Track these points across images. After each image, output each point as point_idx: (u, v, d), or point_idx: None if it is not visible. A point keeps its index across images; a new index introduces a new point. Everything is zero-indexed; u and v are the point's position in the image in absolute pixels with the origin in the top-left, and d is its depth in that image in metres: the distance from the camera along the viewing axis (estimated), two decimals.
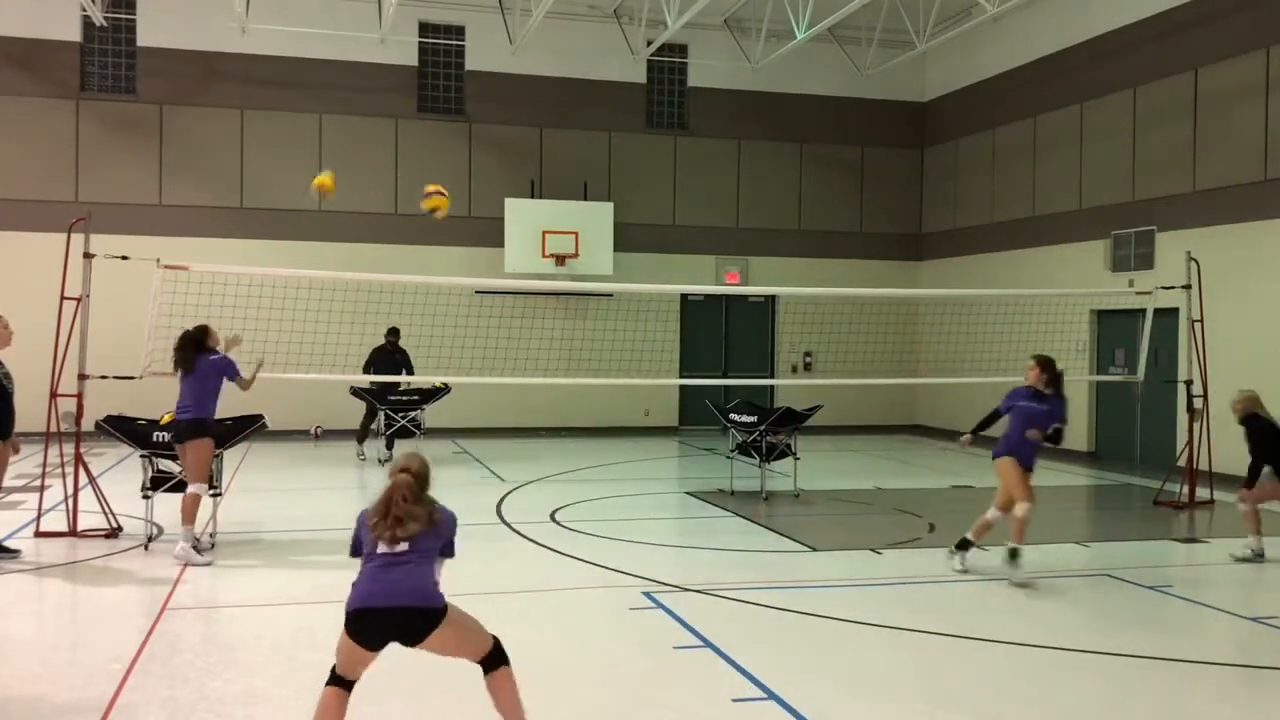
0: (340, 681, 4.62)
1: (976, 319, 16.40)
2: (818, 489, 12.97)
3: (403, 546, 4.54)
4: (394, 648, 4.63)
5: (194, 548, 8.79)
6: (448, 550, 4.80)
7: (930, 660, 6.54)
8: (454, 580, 8.43)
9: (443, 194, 10.99)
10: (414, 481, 4.68)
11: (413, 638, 4.57)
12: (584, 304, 19.39)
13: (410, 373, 15.18)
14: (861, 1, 15.84)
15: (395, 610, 4.50)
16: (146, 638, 6.65)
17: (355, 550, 4.74)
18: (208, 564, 8.70)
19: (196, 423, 8.94)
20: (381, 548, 4.56)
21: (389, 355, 15.34)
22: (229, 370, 9.19)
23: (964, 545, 8.90)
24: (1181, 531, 11.07)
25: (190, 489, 8.87)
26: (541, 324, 18.47)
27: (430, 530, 4.63)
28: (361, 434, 15.67)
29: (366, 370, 15.11)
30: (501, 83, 19.48)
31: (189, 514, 8.79)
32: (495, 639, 4.76)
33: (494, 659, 4.70)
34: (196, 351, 9.06)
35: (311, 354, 14.45)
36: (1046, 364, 8.94)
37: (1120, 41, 16.49)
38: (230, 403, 9.61)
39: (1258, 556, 9.39)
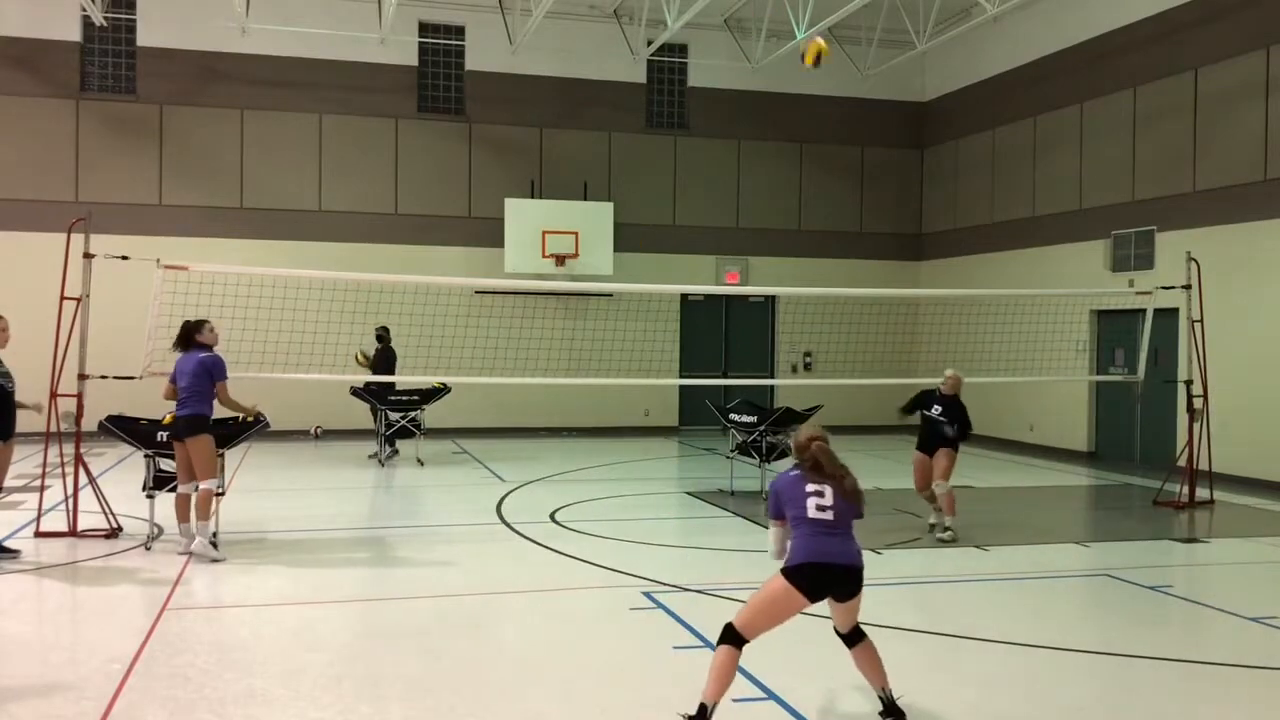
0: (737, 640, 5.13)
1: (976, 319, 16.40)
2: None
3: (829, 515, 5.16)
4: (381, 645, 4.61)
5: (211, 543, 8.86)
6: (859, 514, 5.38)
7: (930, 660, 6.54)
8: (456, 581, 8.47)
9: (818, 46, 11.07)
10: (829, 446, 5.29)
11: (848, 593, 5.21)
12: (584, 304, 19.39)
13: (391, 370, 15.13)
14: (861, 1, 15.84)
15: (845, 567, 5.17)
16: (146, 638, 6.65)
17: (777, 514, 5.36)
18: (222, 559, 8.75)
19: (195, 419, 8.89)
20: (812, 511, 5.16)
21: (383, 354, 15.36)
22: (216, 370, 8.97)
23: None
24: (1181, 531, 11.07)
25: (202, 486, 8.87)
26: (541, 324, 18.47)
27: (849, 500, 5.25)
28: (379, 435, 15.60)
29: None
30: (501, 83, 19.48)
31: (204, 510, 8.82)
32: None
33: (859, 632, 5.37)
34: (189, 341, 9.02)
35: (311, 354, 14.45)
36: None
37: (1120, 41, 16.49)
38: None
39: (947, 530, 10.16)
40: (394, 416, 15.06)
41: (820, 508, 5.18)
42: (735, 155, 20.72)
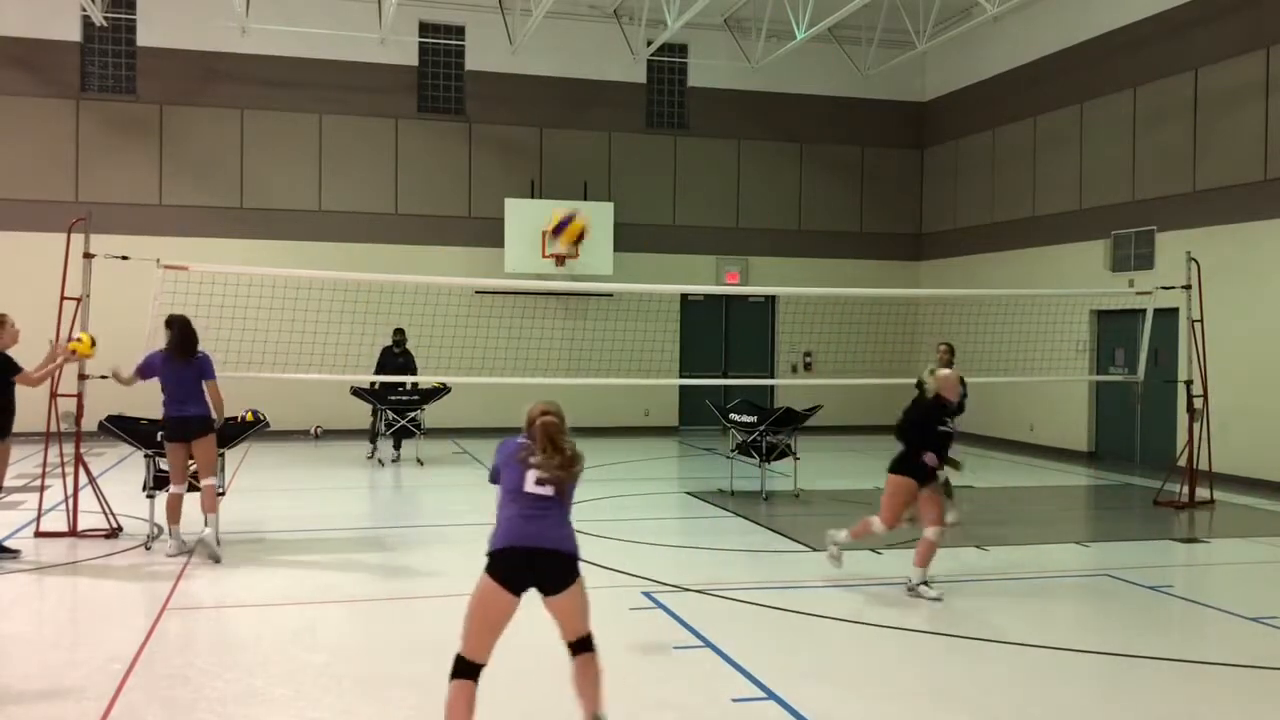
0: (467, 670, 4.57)
1: (976, 319, 16.39)
2: (818, 489, 12.97)
3: (549, 490, 4.67)
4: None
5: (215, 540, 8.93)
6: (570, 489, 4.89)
7: (930, 660, 6.54)
8: (456, 580, 8.46)
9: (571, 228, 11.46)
10: (560, 423, 4.84)
11: (554, 584, 4.63)
12: (584, 304, 19.39)
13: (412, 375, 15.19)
14: (861, 1, 15.83)
15: (545, 551, 4.61)
16: (146, 638, 6.65)
17: (495, 478, 4.88)
18: (220, 558, 8.76)
19: (207, 420, 9.00)
20: (529, 485, 4.67)
21: (394, 358, 15.34)
22: (208, 370, 9.07)
23: None
24: (1181, 531, 11.07)
25: (206, 483, 8.99)
26: (541, 324, 18.47)
27: (572, 479, 4.79)
28: (372, 434, 15.64)
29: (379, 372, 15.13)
30: (501, 83, 19.48)
31: (210, 505, 8.95)
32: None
33: (588, 642, 4.80)
34: (194, 342, 9.04)
35: (311, 354, 14.45)
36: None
37: (1120, 41, 16.49)
38: (232, 404, 9.60)
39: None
40: (394, 416, 15.06)
41: (540, 480, 4.71)
42: (735, 155, 20.72)
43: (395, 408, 15.08)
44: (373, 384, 14.93)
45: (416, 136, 19.18)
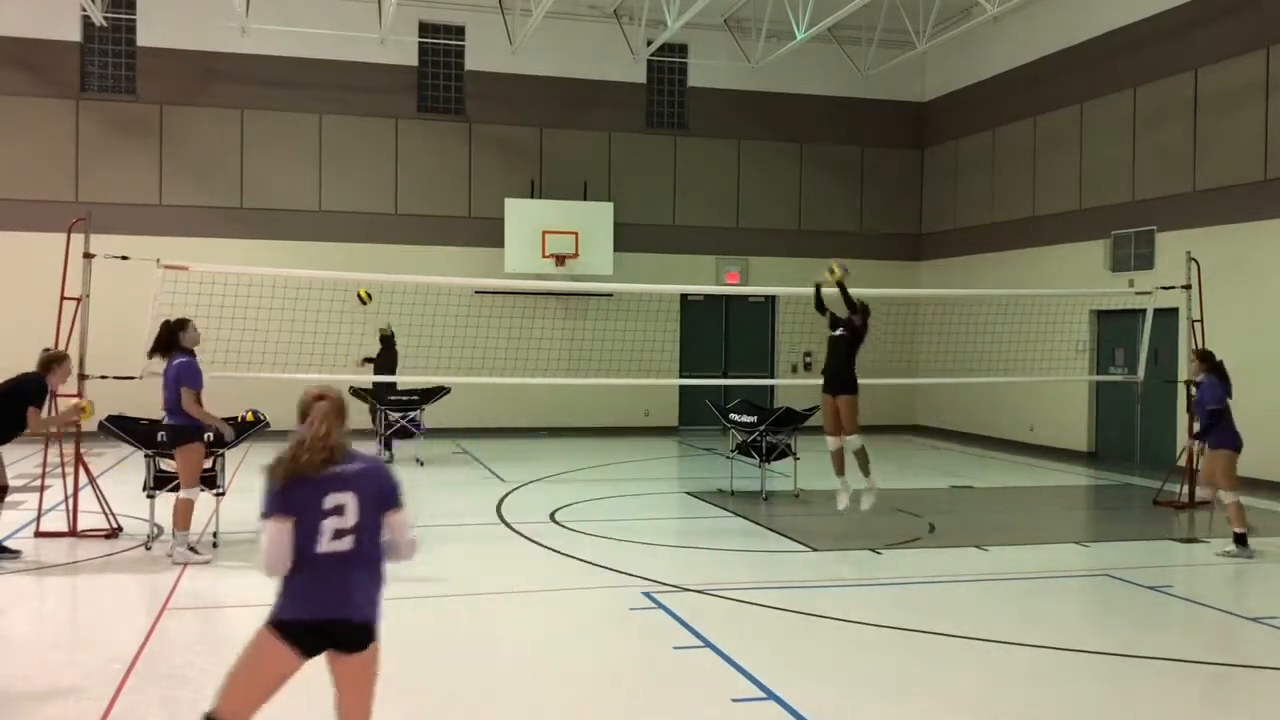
0: None
1: (976, 319, 16.38)
2: (818, 489, 12.95)
3: (348, 544, 3.96)
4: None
5: (190, 549, 8.80)
6: (393, 500, 4.08)
7: (930, 660, 6.54)
8: (456, 580, 8.45)
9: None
10: (333, 409, 4.10)
11: (349, 645, 4.08)
12: (584, 304, 19.38)
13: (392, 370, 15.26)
14: (861, 1, 15.83)
15: (347, 624, 4.04)
16: (146, 638, 6.65)
17: (276, 509, 3.99)
18: (205, 561, 8.71)
19: (182, 429, 8.80)
20: (325, 543, 3.94)
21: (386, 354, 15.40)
22: (185, 378, 8.76)
23: None
24: (1181, 531, 11.07)
25: (181, 494, 8.77)
26: (541, 324, 18.47)
27: (369, 490, 4.00)
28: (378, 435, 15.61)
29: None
30: (501, 83, 19.47)
31: (182, 520, 8.72)
32: None
33: None
34: (169, 344, 8.86)
35: (311, 354, 14.44)
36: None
37: (1120, 41, 16.49)
38: (232, 404, 9.60)
39: None
40: (394, 416, 15.05)
41: (339, 532, 3.92)
42: (735, 155, 20.71)
43: (395, 408, 15.07)
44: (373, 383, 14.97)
45: (416, 136, 19.18)
